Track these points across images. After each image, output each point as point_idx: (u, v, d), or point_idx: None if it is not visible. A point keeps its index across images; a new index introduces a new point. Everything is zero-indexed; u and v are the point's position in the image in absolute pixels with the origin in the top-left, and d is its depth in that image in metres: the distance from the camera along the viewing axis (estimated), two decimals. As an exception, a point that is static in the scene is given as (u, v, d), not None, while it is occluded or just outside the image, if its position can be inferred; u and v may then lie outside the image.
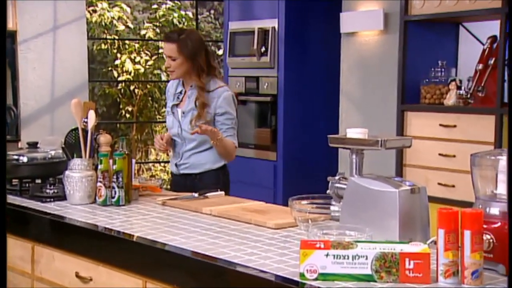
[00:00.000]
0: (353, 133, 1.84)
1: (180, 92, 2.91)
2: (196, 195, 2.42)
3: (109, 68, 7.17)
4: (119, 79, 7.03)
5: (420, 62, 3.54)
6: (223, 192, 2.52)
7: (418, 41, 3.56)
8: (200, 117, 2.80)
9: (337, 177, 1.90)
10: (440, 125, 3.35)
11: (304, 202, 1.95)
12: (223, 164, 2.90)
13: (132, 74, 7.00)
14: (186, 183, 2.83)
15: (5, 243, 1.73)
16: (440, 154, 3.35)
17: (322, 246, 1.45)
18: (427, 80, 3.52)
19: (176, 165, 2.89)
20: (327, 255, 1.44)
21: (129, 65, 7.02)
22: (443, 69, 3.51)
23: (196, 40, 2.83)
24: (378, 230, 1.63)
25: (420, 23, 3.51)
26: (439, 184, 3.34)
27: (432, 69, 3.52)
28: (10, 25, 4.53)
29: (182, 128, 2.86)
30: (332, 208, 1.91)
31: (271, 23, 4.22)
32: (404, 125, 3.51)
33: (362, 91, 4.08)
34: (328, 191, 1.92)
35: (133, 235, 1.91)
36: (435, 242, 1.49)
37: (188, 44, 2.79)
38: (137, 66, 7.04)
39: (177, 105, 2.90)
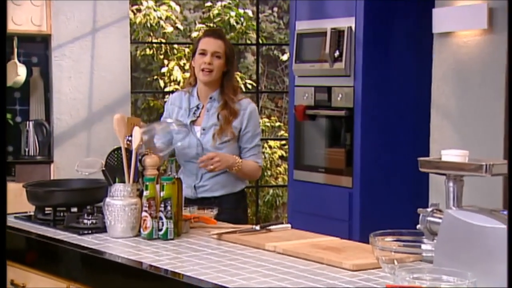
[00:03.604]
0: (450, 155, 1.82)
1: (197, 107, 3.02)
2: (257, 227, 2.43)
3: (155, 77, 7.34)
4: (166, 89, 7.19)
5: (533, 68, 3.45)
6: (289, 225, 2.53)
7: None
8: (223, 132, 2.94)
9: (429, 209, 1.88)
10: (559, 145, 3.25)
11: (389, 238, 1.94)
12: (244, 187, 3.07)
13: (181, 83, 7.13)
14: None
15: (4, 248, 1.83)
16: (559, 182, 3.24)
17: (413, 293, 1.43)
18: (542, 90, 3.43)
19: (194, 187, 2.99)
20: (419, 304, 1.41)
21: (177, 73, 7.16)
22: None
23: (233, 47, 3.09)
24: (482, 275, 1.59)
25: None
26: (557, 219, 3.22)
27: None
28: (43, 28, 4.72)
29: (204, 147, 2.97)
30: (423, 247, 1.90)
31: (346, 22, 4.22)
32: (513, 145, 3.41)
33: (459, 103, 4.00)
34: (418, 226, 1.90)
35: (183, 275, 1.93)
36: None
37: (230, 48, 3.01)
38: (187, 74, 7.17)
39: (193, 121, 3.00)
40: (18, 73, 4.73)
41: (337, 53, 4.22)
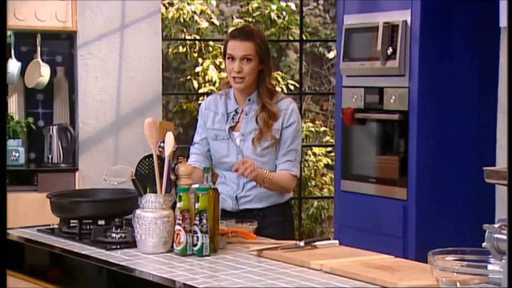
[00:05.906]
0: (520, 164, 1.79)
1: (236, 111, 3.02)
2: (301, 244, 2.43)
3: (188, 77, 7.39)
4: (200, 91, 7.24)
5: None
6: (336, 241, 2.52)
7: None
8: (263, 136, 2.93)
9: (496, 225, 1.86)
10: None
11: (450, 257, 1.93)
12: (290, 197, 3.05)
13: (217, 84, 7.17)
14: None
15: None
16: None
17: (478, 319, 1.41)
18: None
19: (236, 197, 2.98)
20: (485, 332, 1.39)
21: (213, 73, 7.21)
22: None
23: (266, 41, 3.02)
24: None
25: None
26: None
27: None
28: (68, 24, 4.80)
29: (244, 154, 2.96)
30: (490, 267, 1.88)
31: (401, 16, 4.19)
32: None
33: (528, 106, 3.94)
34: (484, 244, 1.88)
35: (220, 295, 1.94)
36: None
37: (262, 44, 2.97)
38: (223, 74, 7.21)
39: (232, 127, 3.00)
40: (41, 73, 4.81)
41: (390, 50, 4.19)
